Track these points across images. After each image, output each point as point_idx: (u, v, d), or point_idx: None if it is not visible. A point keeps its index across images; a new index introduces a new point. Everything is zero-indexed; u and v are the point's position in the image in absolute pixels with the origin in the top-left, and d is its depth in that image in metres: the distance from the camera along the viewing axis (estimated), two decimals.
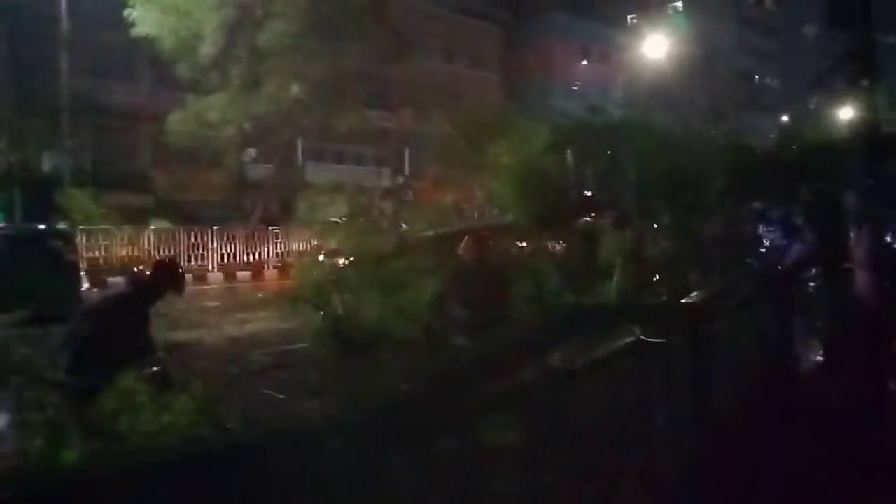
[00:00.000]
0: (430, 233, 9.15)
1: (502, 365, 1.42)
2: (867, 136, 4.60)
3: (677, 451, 2.29)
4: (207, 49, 18.67)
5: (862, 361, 3.85)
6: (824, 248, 5.44)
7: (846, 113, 6.89)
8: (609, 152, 8.76)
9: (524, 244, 9.47)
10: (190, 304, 12.42)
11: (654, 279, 5.80)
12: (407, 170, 32.38)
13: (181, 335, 9.02)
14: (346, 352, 6.65)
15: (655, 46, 25.56)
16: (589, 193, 9.13)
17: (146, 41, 19.21)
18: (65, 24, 20.45)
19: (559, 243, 8.71)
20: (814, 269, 5.28)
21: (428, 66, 31.51)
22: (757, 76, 52.18)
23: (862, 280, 4.10)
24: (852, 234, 4.52)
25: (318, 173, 25.93)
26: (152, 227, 18.57)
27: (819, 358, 4.32)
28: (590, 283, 6.61)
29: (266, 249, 20.34)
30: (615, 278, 6.16)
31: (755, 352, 3.22)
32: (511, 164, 9.02)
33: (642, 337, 2.07)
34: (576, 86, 37.54)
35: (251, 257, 19.93)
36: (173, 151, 22.41)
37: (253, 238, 20.34)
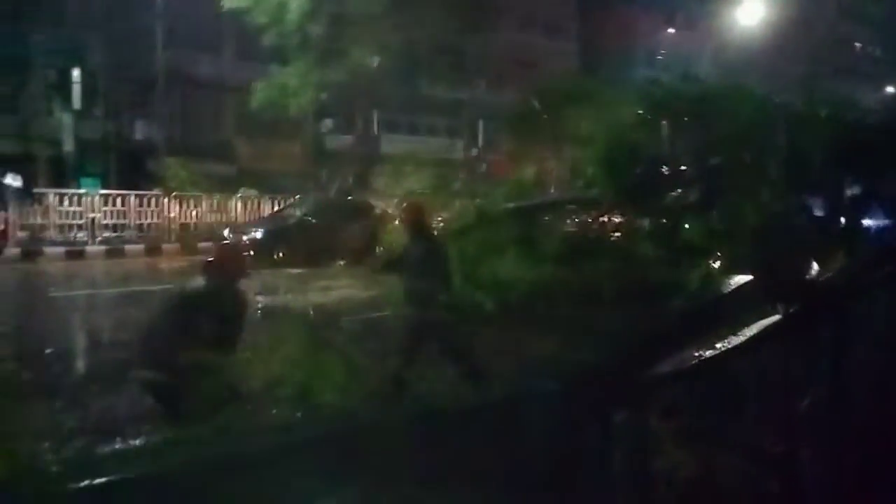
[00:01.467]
0: (511, 206, 9.01)
1: (673, 342, 1.34)
2: None
3: (821, 436, 2.15)
4: (293, 17, 18.90)
5: None
6: None
7: None
8: (701, 123, 8.34)
9: (609, 219, 9.20)
10: (277, 274, 12.76)
11: (755, 257, 5.48)
12: (481, 142, 32.12)
13: (278, 301, 9.31)
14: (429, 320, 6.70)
15: (747, 11, 24.18)
16: (679, 167, 8.74)
17: (236, 12, 19.65)
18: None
19: (647, 219, 8.41)
20: None
21: (502, 35, 30.90)
22: (858, 43, 48.54)
23: None
24: None
25: (393, 144, 26.07)
26: (240, 195, 19.29)
27: None
28: (681, 261, 6.34)
29: None
30: (715, 255, 5.87)
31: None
32: (595, 136, 8.73)
33: (787, 315, 1.93)
34: (661, 54, 36.01)
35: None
36: (255, 122, 23.04)
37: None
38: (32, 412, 4.37)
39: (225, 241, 12.06)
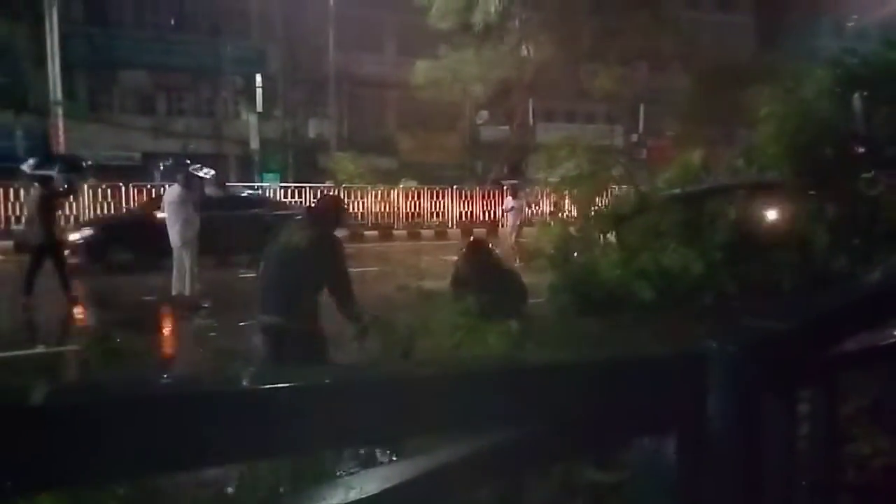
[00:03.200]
0: (676, 191, 8.58)
1: (857, 321, 1.23)
2: None
3: None
4: (485, 5, 19.09)
5: None
6: None
7: None
8: None
9: (787, 206, 8.44)
10: (434, 258, 13.24)
11: None
12: (641, 128, 30.79)
13: (429, 285, 9.69)
14: (583, 310, 6.58)
15: None
16: (878, 145, 7.79)
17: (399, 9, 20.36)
18: (327, 4, 22.77)
19: (834, 204, 7.59)
20: None
21: (667, 12, 29.26)
22: None
23: None
24: None
25: (549, 133, 25.81)
26: (402, 186, 20.23)
27: None
28: (877, 252, 5.67)
29: (500, 209, 21.03)
30: None
31: None
32: (776, 114, 8.03)
33: None
34: (852, 21, 32.09)
35: (487, 216, 20.72)
36: (416, 116, 23.96)
37: (488, 197, 21.09)
38: None
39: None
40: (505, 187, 17.45)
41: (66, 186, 9.93)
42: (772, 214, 8.30)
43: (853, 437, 1.41)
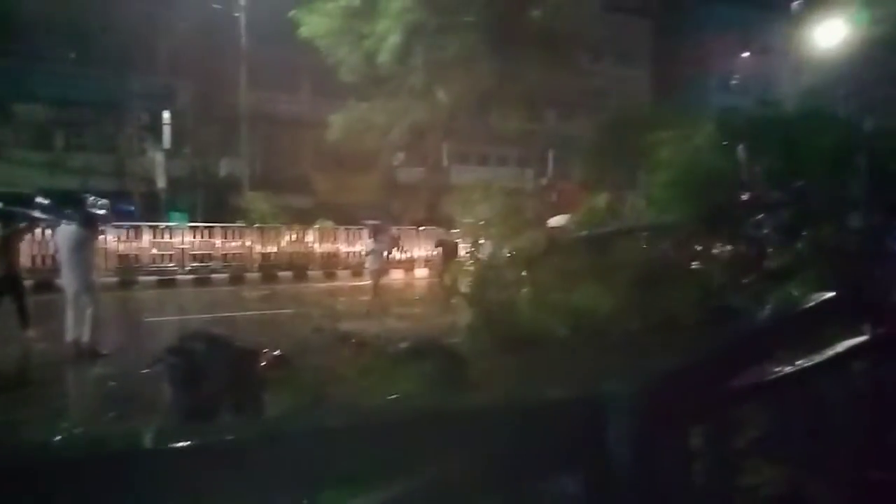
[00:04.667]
0: (584, 233, 8.98)
1: (748, 358, 1.35)
2: None
3: None
4: (384, 55, 19.43)
5: None
6: None
7: None
8: (782, 148, 8.11)
9: (685, 247, 9.01)
10: (349, 300, 13.12)
11: (845, 282, 5.26)
12: (551, 171, 32.06)
13: (345, 326, 9.56)
14: (499, 348, 6.71)
15: (828, 33, 23.24)
16: (761, 192, 8.49)
17: (313, 53, 20.53)
18: (239, 42, 22.58)
19: (726, 246, 8.19)
20: None
21: (574, 64, 30.96)
22: None
23: None
24: None
25: (463, 175, 26.41)
26: (317, 227, 20.00)
27: None
28: (764, 288, 6.15)
29: (415, 249, 21.15)
30: (796, 283, 5.67)
31: None
32: (672, 162, 8.62)
33: (875, 336, 1.89)
34: (736, 79, 35.11)
35: (404, 256, 20.77)
36: (330, 156, 23.94)
37: (404, 238, 21.20)
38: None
39: None
40: (367, 228, 15.96)
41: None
42: (671, 254, 8.84)
43: (742, 469, 1.52)
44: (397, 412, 1.09)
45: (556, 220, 12.50)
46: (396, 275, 19.60)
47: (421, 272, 20.23)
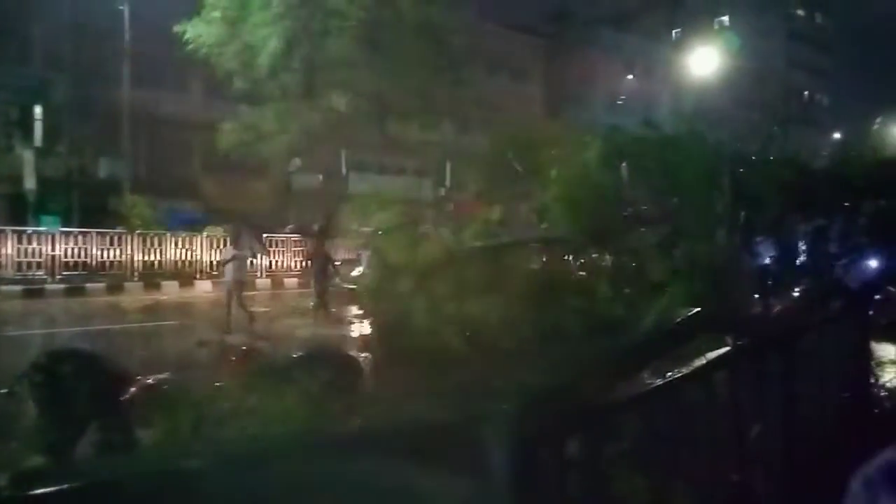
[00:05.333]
0: (479, 244, 9.17)
1: (625, 370, 1.43)
2: None
3: (769, 464, 2.26)
4: (263, 61, 19.09)
5: None
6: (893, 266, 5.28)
7: None
8: (662, 167, 8.68)
9: (574, 259, 9.42)
10: (239, 311, 12.64)
11: (713, 293, 5.72)
12: (448, 182, 32.54)
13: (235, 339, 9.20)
14: (393, 361, 6.71)
15: (702, 61, 25.29)
16: (641, 208, 9.03)
17: (200, 55, 19.79)
18: (122, 37, 21.29)
19: (611, 258, 8.64)
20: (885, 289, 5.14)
21: (471, 78, 31.67)
22: (807, 92, 51.03)
23: None
24: None
25: (361, 184, 26.25)
26: (205, 234, 19.09)
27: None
28: (644, 299, 6.54)
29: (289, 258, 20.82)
30: (671, 294, 6.08)
31: (840, 369, 3.17)
32: (561, 178, 9.00)
33: (736, 347, 2.07)
34: (621, 100, 37.29)
35: (299, 265, 20.30)
36: (223, 161, 23.02)
37: (280, 246, 20.80)
38: None
39: None
40: (228, 234, 14.52)
41: None
42: (560, 267, 9.22)
43: (614, 478, 1.61)
44: (265, 447, 1.06)
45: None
46: (264, 284, 18.96)
47: (294, 281, 19.76)
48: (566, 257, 9.20)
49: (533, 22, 38.01)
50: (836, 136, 35.91)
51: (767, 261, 6.85)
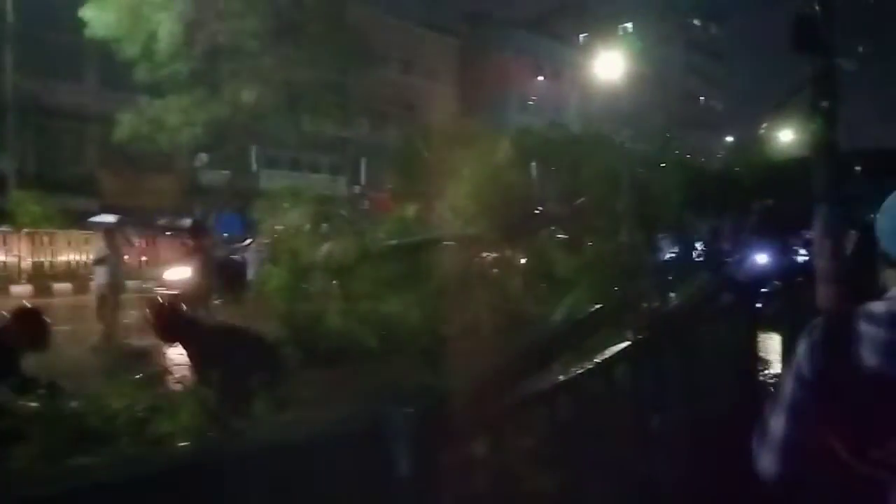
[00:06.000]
0: (394, 242, 9.17)
1: (528, 367, 1.47)
2: (828, 155, 4.90)
3: (670, 451, 2.39)
4: (165, 48, 18.12)
5: None
6: (780, 260, 5.72)
7: (803, 133, 7.26)
8: (570, 167, 9.01)
9: (487, 255, 9.59)
10: (139, 313, 11.92)
11: (616, 289, 5.97)
12: (363, 179, 32.26)
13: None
14: (304, 361, 6.58)
15: (607, 65, 26.31)
16: (551, 206, 9.33)
17: (100, 42, 18.62)
18: (8, 23, 19.72)
19: (523, 255, 8.86)
20: (771, 282, 5.57)
21: (385, 76, 31.53)
22: (702, 97, 54.19)
23: (824, 292, 4.35)
24: (813, 248, 4.79)
25: (273, 180, 25.56)
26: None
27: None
28: (554, 295, 6.75)
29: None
30: (579, 290, 6.30)
31: (732, 357, 3.40)
32: (474, 177, 9.15)
33: (636, 341, 2.17)
34: (532, 101, 38.21)
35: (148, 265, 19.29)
36: (122, 155, 21.75)
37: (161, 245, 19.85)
38: None
39: None
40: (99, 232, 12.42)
41: None
42: (475, 264, 9.35)
43: (521, 475, 1.65)
44: (154, 463, 1.02)
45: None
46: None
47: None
48: (480, 255, 9.36)
49: (447, 21, 38.28)
50: (729, 139, 38.37)
51: (667, 257, 7.26)
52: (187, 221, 14.33)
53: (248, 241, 11.81)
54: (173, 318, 3.87)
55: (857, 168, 8.90)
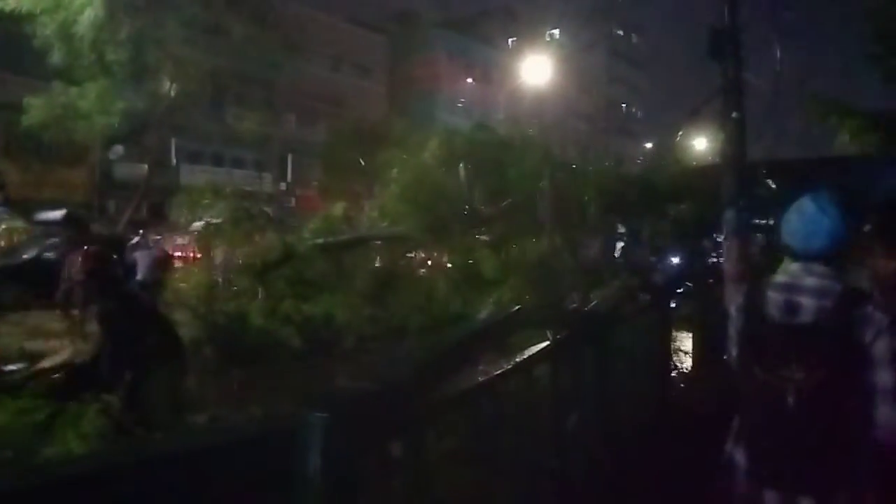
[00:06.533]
0: (320, 241, 9.01)
1: (448, 368, 1.47)
2: (736, 162, 5.18)
3: (586, 449, 2.45)
4: (82, 31, 17.04)
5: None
6: (692, 262, 5.99)
7: (716, 141, 7.62)
8: (497, 168, 9.12)
9: (414, 255, 9.59)
10: (51, 314, 11.25)
11: (542, 289, 6.11)
12: (290, 176, 31.59)
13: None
14: (228, 363, 6.38)
15: (534, 69, 26.86)
16: (478, 207, 9.41)
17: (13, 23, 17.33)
18: None
19: (450, 256, 8.90)
20: (684, 283, 5.84)
21: (313, 72, 30.99)
22: (624, 104, 56.20)
23: (731, 292, 4.58)
24: (722, 250, 5.06)
25: (195, 175, 24.63)
26: (3, 227, 16.72)
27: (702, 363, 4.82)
28: (479, 295, 6.82)
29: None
30: (502, 290, 6.40)
31: (647, 356, 3.54)
32: (402, 176, 9.12)
33: (556, 341, 2.22)
34: (461, 102, 38.51)
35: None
36: (33, 146, 20.42)
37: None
38: None
39: None
40: None
41: None
42: (402, 263, 9.32)
43: (439, 477, 1.65)
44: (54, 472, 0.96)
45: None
46: None
47: None
48: (407, 254, 9.34)
49: (377, 19, 38.01)
50: (648, 145, 39.98)
51: (588, 258, 7.46)
52: (57, 213, 13.30)
53: (135, 240, 10.63)
54: (106, 269, 3.64)
55: (764, 172, 9.49)
